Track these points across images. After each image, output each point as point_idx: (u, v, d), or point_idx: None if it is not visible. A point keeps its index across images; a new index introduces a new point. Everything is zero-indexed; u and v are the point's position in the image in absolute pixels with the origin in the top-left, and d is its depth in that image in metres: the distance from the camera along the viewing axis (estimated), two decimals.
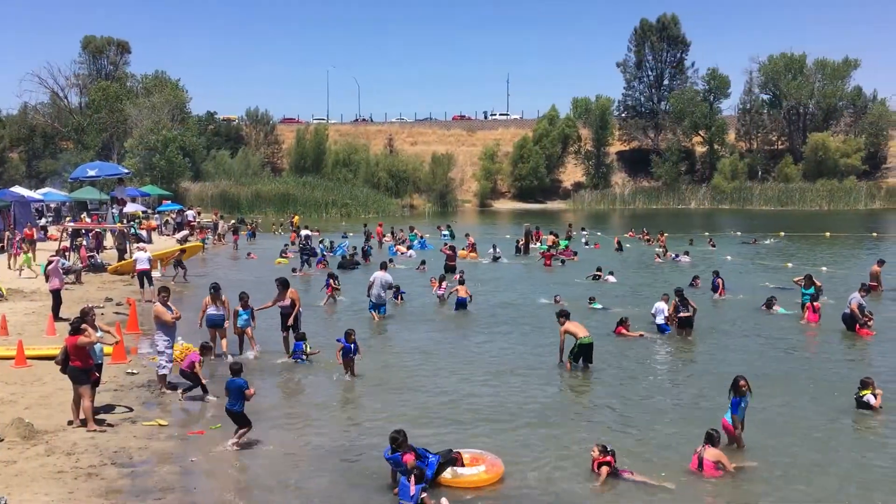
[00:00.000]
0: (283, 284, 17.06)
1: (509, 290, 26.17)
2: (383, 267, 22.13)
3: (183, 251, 28.99)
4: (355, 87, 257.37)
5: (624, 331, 18.71)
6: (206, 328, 16.38)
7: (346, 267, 31.13)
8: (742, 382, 11.20)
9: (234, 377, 11.11)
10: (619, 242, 39.87)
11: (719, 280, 24.54)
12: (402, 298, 23.61)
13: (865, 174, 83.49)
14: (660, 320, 19.11)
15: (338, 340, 14.94)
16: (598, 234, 47.22)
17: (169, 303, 14.36)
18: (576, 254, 36.20)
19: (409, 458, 9.44)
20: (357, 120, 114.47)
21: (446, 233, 45.31)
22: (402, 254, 36.62)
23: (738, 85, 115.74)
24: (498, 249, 35.33)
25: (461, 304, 22.24)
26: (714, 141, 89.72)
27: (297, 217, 53.98)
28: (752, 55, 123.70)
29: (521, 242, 38.40)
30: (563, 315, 15.86)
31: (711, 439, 10.48)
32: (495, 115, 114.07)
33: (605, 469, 9.85)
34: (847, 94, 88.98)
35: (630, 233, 46.24)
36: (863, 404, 12.91)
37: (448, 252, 29.73)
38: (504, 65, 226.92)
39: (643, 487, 9.78)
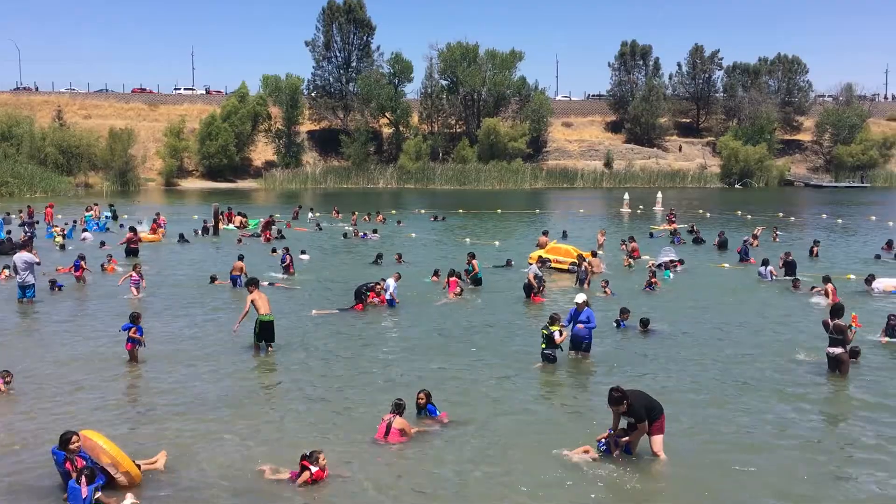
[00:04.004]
0: None
1: (196, 270, 25.31)
2: (24, 247, 21.50)
3: None
4: (15, 51, 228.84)
5: (361, 308, 19.56)
6: None
7: (5, 252, 28.24)
8: (421, 395, 11.68)
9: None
10: (318, 225, 40.65)
11: (293, 256, 25.61)
12: (59, 289, 21.68)
13: (530, 157, 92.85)
14: (388, 296, 20.06)
15: (126, 328, 14.25)
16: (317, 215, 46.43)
17: None
18: (280, 231, 36.63)
19: (80, 463, 8.82)
20: (18, 88, 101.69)
21: (108, 213, 43.56)
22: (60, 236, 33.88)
23: (421, 70, 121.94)
24: (199, 233, 35.64)
25: (235, 281, 22.54)
26: (399, 123, 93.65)
27: None
28: (432, 42, 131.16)
29: (209, 223, 37.20)
30: (252, 283, 15.79)
31: (399, 408, 11.08)
32: (179, 89, 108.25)
33: (306, 474, 9.42)
34: (513, 84, 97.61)
35: (364, 214, 46.18)
36: (546, 356, 14.54)
37: (130, 235, 28.11)
38: (188, 36, 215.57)
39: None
